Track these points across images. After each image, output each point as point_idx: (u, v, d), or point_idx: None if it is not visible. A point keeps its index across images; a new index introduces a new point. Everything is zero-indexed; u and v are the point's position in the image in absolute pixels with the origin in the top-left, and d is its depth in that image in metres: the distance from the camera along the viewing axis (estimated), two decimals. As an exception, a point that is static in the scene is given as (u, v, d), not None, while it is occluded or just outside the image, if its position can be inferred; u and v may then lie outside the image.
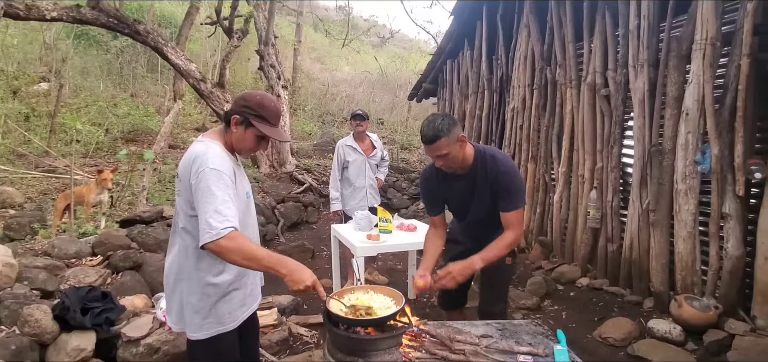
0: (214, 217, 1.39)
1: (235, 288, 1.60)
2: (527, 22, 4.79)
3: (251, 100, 1.56)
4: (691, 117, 3.04)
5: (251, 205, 1.69)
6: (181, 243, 1.57)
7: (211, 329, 1.56)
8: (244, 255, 1.41)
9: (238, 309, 1.63)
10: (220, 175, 1.45)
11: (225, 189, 1.44)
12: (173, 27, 12.00)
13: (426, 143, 1.90)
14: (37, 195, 6.04)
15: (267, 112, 1.56)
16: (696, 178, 3.06)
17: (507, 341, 1.68)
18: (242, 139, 1.57)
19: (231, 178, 1.49)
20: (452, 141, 1.88)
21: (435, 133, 1.86)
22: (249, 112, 1.54)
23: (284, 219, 5.95)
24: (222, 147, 1.56)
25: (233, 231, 1.40)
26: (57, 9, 5.68)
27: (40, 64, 9.74)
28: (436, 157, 1.92)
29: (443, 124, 1.87)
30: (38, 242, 3.68)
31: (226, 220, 1.40)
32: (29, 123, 7.94)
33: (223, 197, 1.43)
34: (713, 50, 2.93)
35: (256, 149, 1.63)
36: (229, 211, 1.42)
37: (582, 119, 4.08)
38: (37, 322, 2.24)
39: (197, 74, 6.74)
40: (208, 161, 1.45)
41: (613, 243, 3.77)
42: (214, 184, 1.43)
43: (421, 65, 10.61)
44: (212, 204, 1.40)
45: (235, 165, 1.59)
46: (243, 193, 1.61)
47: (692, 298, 2.97)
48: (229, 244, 1.39)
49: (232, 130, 1.57)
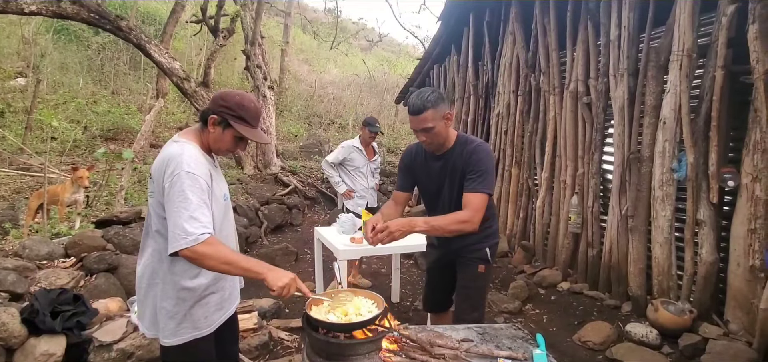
0: (190, 223, 1.35)
1: (211, 291, 1.56)
2: (513, 30, 4.86)
3: (230, 100, 1.51)
4: (668, 125, 3.11)
5: (229, 208, 1.65)
6: (154, 246, 1.51)
7: (186, 334, 1.51)
8: (221, 260, 1.38)
9: (215, 313, 1.59)
10: (196, 178, 1.41)
11: (200, 194, 1.40)
12: (157, 24, 11.78)
13: (412, 113, 1.89)
14: (9, 194, 5.83)
15: (246, 113, 1.51)
16: (672, 185, 3.14)
17: (487, 345, 1.68)
18: (220, 139, 1.53)
19: (207, 182, 1.45)
20: (438, 115, 1.87)
21: (422, 104, 1.85)
22: (227, 113, 1.49)
23: (268, 222, 5.88)
24: (198, 148, 1.51)
25: (210, 237, 1.37)
26: (36, 3, 5.52)
27: (18, 58, 9.44)
28: (420, 130, 1.89)
29: (432, 96, 1.86)
30: (9, 242, 3.55)
31: (203, 226, 1.37)
32: (4, 119, 7.67)
33: (198, 202, 1.39)
34: (690, 61, 3.01)
35: (234, 150, 1.59)
36: (204, 217, 1.38)
37: (564, 126, 4.14)
38: (3, 326, 2.15)
39: (181, 73, 6.63)
40: (183, 164, 1.40)
41: (593, 248, 3.84)
42: (189, 189, 1.38)
43: (409, 69, 10.66)
44: (187, 210, 1.36)
45: (212, 166, 1.55)
46: (220, 195, 1.56)
47: (668, 302, 3.04)
48: (206, 250, 1.36)
49: (210, 130, 1.52)
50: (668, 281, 3.17)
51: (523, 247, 4.63)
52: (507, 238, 4.94)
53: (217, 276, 1.55)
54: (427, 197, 2.17)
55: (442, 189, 2.05)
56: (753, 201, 2.65)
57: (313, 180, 7.54)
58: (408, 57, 17.32)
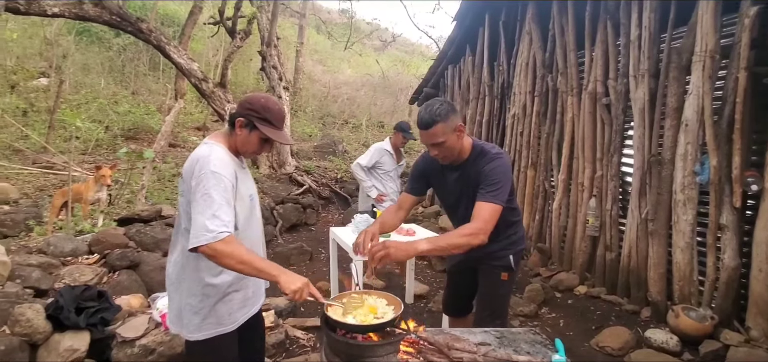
0: (212, 221, 1.39)
1: (235, 289, 1.60)
2: (529, 30, 4.81)
3: (256, 103, 1.57)
4: (691, 128, 3.04)
5: (255, 207, 1.70)
6: (183, 243, 1.56)
7: (210, 330, 1.56)
8: (237, 259, 1.41)
9: (238, 310, 1.63)
10: (220, 178, 1.45)
11: (223, 193, 1.45)
12: (176, 26, 12.00)
13: (421, 128, 1.79)
14: (33, 192, 6.01)
15: (271, 115, 1.57)
16: (694, 189, 3.07)
17: (505, 349, 1.67)
18: (246, 141, 1.59)
19: (232, 182, 1.50)
20: (449, 129, 1.78)
21: (431, 118, 1.76)
22: (253, 115, 1.55)
23: (283, 221, 5.94)
24: (226, 149, 1.57)
25: (229, 236, 1.41)
26: (59, 5, 5.68)
27: (40, 59, 9.72)
28: (431, 145, 1.81)
29: (441, 109, 1.77)
30: (33, 239, 3.66)
31: (223, 225, 1.41)
32: (27, 118, 7.91)
33: (221, 201, 1.43)
34: (712, 62, 2.94)
35: (261, 151, 1.64)
36: (225, 215, 1.43)
37: (582, 127, 4.09)
38: (28, 322, 2.22)
39: (199, 73, 6.74)
40: (210, 164, 1.46)
41: (611, 252, 3.77)
42: (214, 188, 1.43)
43: (423, 70, 10.64)
44: (210, 208, 1.41)
45: (239, 167, 1.60)
46: (246, 195, 1.61)
47: (689, 308, 2.97)
48: (223, 248, 1.40)
49: (237, 132, 1.58)
50: (690, 286, 3.10)
51: (539, 250, 4.57)
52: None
53: (240, 274, 1.58)
54: (446, 208, 2.15)
55: (460, 201, 1.98)
56: (779, 206, 2.57)
57: (328, 180, 7.58)
58: (422, 57, 17.28)
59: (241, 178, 1.59)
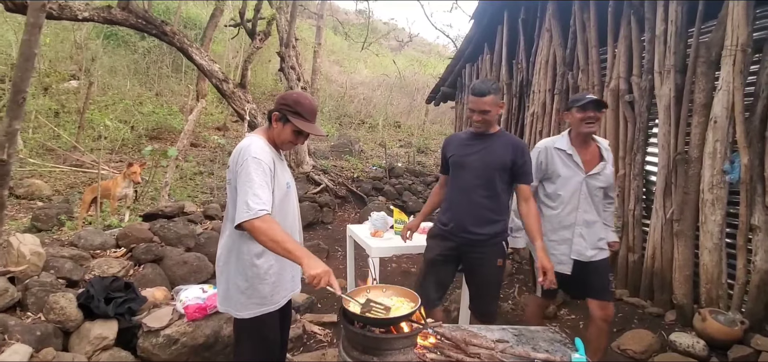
0: (252, 199, 1.55)
1: (276, 271, 1.74)
2: (549, 27, 4.73)
3: (289, 99, 1.75)
4: (720, 125, 2.94)
5: (291, 194, 1.84)
6: (230, 228, 1.72)
7: (255, 309, 1.71)
8: (270, 237, 1.54)
9: (279, 291, 1.77)
10: (259, 163, 1.62)
11: (262, 175, 1.61)
12: (198, 28, 12.30)
13: (476, 95, 2.12)
14: (64, 189, 6.27)
15: (302, 108, 1.72)
16: (723, 188, 2.96)
17: (523, 347, 1.65)
18: (281, 133, 1.75)
19: (270, 167, 1.66)
20: (496, 102, 2.14)
21: (487, 88, 2.12)
22: (287, 109, 1.72)
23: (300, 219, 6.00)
24: (265, 141, 1.74)
25: (266, 215, 1.55)
26: (88, 9, 5.90)
27: (71, 62, 10.12)
28: (479, 110, 2.13)
29: (494, 85, 2.16)
30: (65, 233, 3.82)
31: (262, 203, 1.56)
32: (59, 119, 8.25)
33: (261, 182, 1.59)
34: (744, 56, 2.83)
35: (295, 142, 1.79)
36: (264, 195, 1.58)
37: (604, 125, 3.99)
38: (62, 310, 2.32)
39: (220, 74, 6.89)
40: (251, 151, 1.65)
41: (634, 253, 3.68)
42: (254, 171, 1.60)
43: (440, 69, 10.59)
44: (251, 188, 1.57)
45: (278, 158, 1.77)
46: (283, 183, 1.76)
47: (717, 312, 2.87)
48: (260, 225, 1.54)
49: (274, 126, 1.75)
50: (717, 289, 3.00)
51: (559, 250, 4.49)
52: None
53: (279, 258, 1.72)
54: (456, 167, 2.28)
55: (472, 163, 2.21)
56: (816, 206, 2.46)
57: (344, 179, 7.63)
58: (438, 56, 17.20)
59: (279, 166, 1.76)
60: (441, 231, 2.29)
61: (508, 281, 4.24)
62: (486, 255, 2.20)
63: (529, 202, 2.20)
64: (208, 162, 7.86)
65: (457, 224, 2.22)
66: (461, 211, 2.21)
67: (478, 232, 2.18)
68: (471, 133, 2.27)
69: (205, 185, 6.84)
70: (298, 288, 1.93)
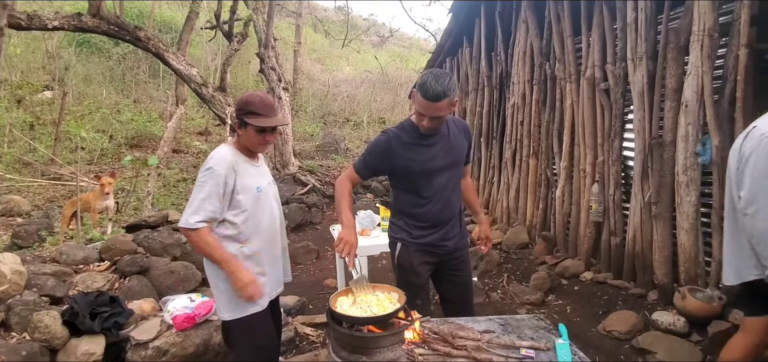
0: (194, 211, 1.67)
1: (254, 272, 1.77)
2: (525, 18, 4.79)
3: (239, 103, 1.79)
4: (691, 108, 3.04)
5: (265, 198, 1.86)
6: None
7: (241, 310, 1.76)
8: (200, 248, 1.70)
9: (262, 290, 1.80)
10: (213, 173, 1.69)
11: (213, 186, 1.68)
12: (174, 32, 12.06)
13: (430, 100, 1.74)
14: (43, 203, 6.11)
15: (254, 107, 1.75)
16: (697, 170, 3.07)
17: (509, 336, 1.70)
18: (247, 137, 1.79)
19: (226, 177, 1.71)
20: (451, 102, 1.80)
21: (444, 91, 1.73)
22: (241, 114, 1.76)
23: (288, 221, 5.98)
24: (234, 149, 1.80)
25: (202, 228, 1.67)
26: (58, 18, 5.74)
27: (44, 72, 9.83)
28: (432, 116, 1.79)
29: (451, 84, 1.76)
30: (46, 249, 3.74)
31: (203, 214, 1.67)
32: (34, 131, 8.02)
33: (209, 193, 1.68)
34: (711, 41, 2.92)
35: (265, 142, 1.82)
36: (210, 206, 1.68)
37: (582, 113, 4.08)
38: (46, 328, 2.28)
39: (198, 79, 6.79)
40: (208, 161, 1.72)
41: (616, 237, 3.78)
42: (206, 182, 1.69)
43: (421, 63, 10.63)
44: (197, 199, 1.68)
45: (248, 163, 1.82)
46: (252, 188, 1.79)
47: (696, 290, 2.98)
48: (191, 236, 1.69)
49: (239, 133, 1.80)
50: (695, 268, 3.11)
51: (544, 238, 4.59)
52: (527, 230, 4.90)
53: (257, 258, 1.80)
54: (416, 178, 1.94)
55: (441, 166, 1.94)
56: (783, 183, 2.56)
57: (331, 178, 7.62)
58: (420, 51, 17.23)
59: (249, 172, 1.80)
60: (420, 247, 1.99)
61: (497, 271, 4.32)
62: (463, 255, 2.09)
63: (467, 177, 2.24)
64: (192, 168, 7.75)
65: (438, 235, 1.98)
66: (440, 219, 1.98)
67: (455, 237, 2.03)
68: (417, 131, 1.91)
69: (189, 192, 6.74)
70: (279, 289, 1.97)
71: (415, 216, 1.98)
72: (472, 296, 2.19)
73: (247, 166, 1.81)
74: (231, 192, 1.73)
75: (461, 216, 2.12)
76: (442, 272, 2.08)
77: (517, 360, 1.52)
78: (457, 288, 2.10)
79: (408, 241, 2.00)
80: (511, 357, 1.53)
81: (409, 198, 1.99)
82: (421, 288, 2.02)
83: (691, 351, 2.67)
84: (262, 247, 1.85)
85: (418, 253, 1.99)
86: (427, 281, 2.08)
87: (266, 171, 1.97)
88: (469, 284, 2.15)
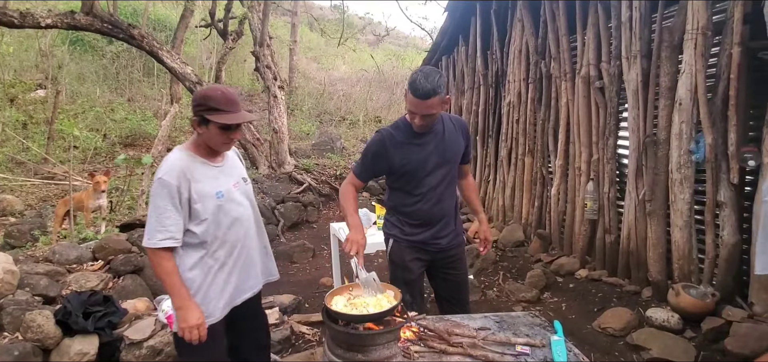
0: (155, 229, 1.54)
1: (210, 282, 1.66)
2: (521, 17, 4.80)
3: (198, 98, 1.62)
4: (685, 107, 3.06)
5: (229, 204, 1.68)
6: None
7: None
8: (157, 272, 1.59)
9: (218, 300, 1.68)
10: (163, 184, 1.55)
11: (168, 198, 1.55)
12: (168, 30, 11.98)
13: (420, 97, 1.75)
14: (36, 203, 6.06)
15: (215, 102, 1.58)
16: (691, 168, 3.09)
17: (504, 333, 1.70)
18: (209, 136, 1.62)
19: (177, 186, 1.56)
20: (442, 100, 1.81)
21: (433, 89, 1.75)
22: (201, 110, 1.59)
23: (284, 220, 5.97)
24: (185, 152, 1.64)
25: (161, 252, 1.56)
26: (51, 16, 5.68)
27: (37, 71, 9.74)
28: (422, 114, 1.81)
29: (441, 82, 1.78)
30: (39, 249, 3.70)
31: (165, 232, 1.54)
32: (27, 130, 7.95)
33: (165, 206, 1.55)
34: (704, 40, 2.94)
35: (228, 140, 1.66)
36: (168, 221, 1.55)
37: (577, 112, 4.10)
38: (39, 328, 2.26)
39: (193, 77, 6.74)
40: (159, 170, 1.58)
41: (610, 234, 3.80)
42: (159, 195, 1.56)
43: (417, 62, 10.63)
44: (154, 215, 1.55)
45: (205, 167, 1.65)
46: (211, 193, 1.63)
47: (690, 286, 3.00)
48: (153, 258, 1.57)
49: (198, 132, 1.64)
50: (689, 265, 3.13)
51: (540, 236, 4.60)
52: (523, 228, 4.92)
53: (223, 267, 1.68)
54: (409, 176, 1.95)
55: (433, 166, 1.94)
56: (775, 180, 2.59)
57: (327, 177, 7.60)
58: (416, 49, 17.23)
59: (207, 175, 1.64)
60: (411, 244, 2.02)
61: (493, 268, 4.33)
62: (458, 253, 2.09)
63: (468, 177, 2.22)
64: (187, 167, 7.69)
65: (429, 233, 2.00)
66: (431, 217, 1.99)
67: (448, 236, 2.03)
68: (410, 129, 1.93)
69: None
70: (252, 291, 1.81)
71: (406, 213, 2.01)
72: (467, 294, 2.18)
73: (204, 169, 1.63)
74: (187, 202, 1.57)
75: (456, 214, 2.11)
76: (435, 269, 2.10)
77: (513, 357, 1.52)
78: (451, 286, 2.12)
79: (400, 238, 2.03)
80: (506, 354, 1.53)
81: (401, 196, 2.01)
82: (413, 284, 2.02)
83: (685, 348, 2.69)
84: (229, 255, 1.68)
85: (409, 250, 2.02)
86: (419, 277, 2.08)
87: (235, 167, 1.79)
88: (463, 282, 2.15)
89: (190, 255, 1.62)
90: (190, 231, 1.61)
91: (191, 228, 1.61)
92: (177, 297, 1.56)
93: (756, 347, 2.44)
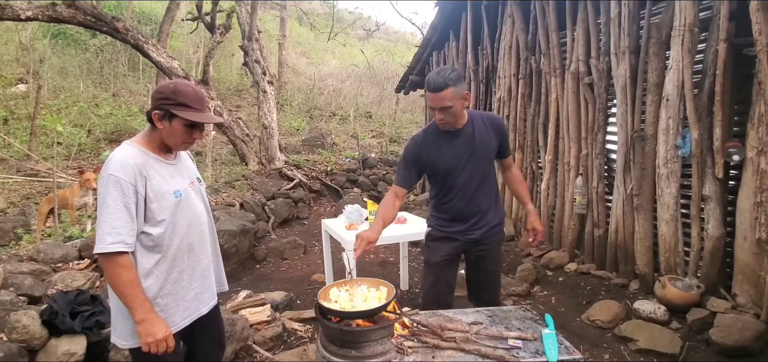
0: (108, 232, 1.37)
1: (167, 292, 1.51)
2: (511, 12, 4.82)
3: (166, 91, 1.48)
4: (672, 102, 3.11)
5: (186, 203, 1.56)
6: None
7: None
8: (112, 282, 1.41)
9: (176, 313, 1.54)
10: (118, 182, 1.40)
11: (119, 197, 1.39)
12: (154, 24, 11.76)
13: (432, 91, 1.88)
14: (19, 200, 5.91)
15: (186, 98, 1.47)
16: (677, 162, 3.14)
17: (496, 327, 1.71)
18: (171, 133, 1.49)
19: (132, 184, 1.42)
20: (458, 94, 1.89)
21: (444, 81, 1.85)
22: (168, 104, 1.46)
23: (275, 216, 5.93)
24: (138, 147, 1.49)
25: (119, 256, 1.38)
26: (31, 8, 5.52)
27: (17, 65, 9.47)
28: (439, 108, 1.90)
29: (452, 75, 1.87)
30: (23, 247, 3.62)
31: (118, 235, 1.37)
32: (8, 126, 7.73)
33: (116, 206, 1.39)
34: (691, 36, 2.99)
35: (190, 140, 1.54)
36: (119, 223, 1.38)
37: (567, 107, 4.14)
38: (25, 328, 2.21)
39: (180, 72, 6.63)
40: (109, 166, 1.41)
41: (599, 228, 3.85)
42: (109, 194, 1.39)
43: (408, 57, 10.61)
44: (105, 216, 1.38)
45: (160, 164, 1.52)
46: (169, 192, 1.50)
47: (675, 279, 3.06)
48: (106, 266, 1.41)
49: (158, 127, 1.49)
50: (675, 257, 3.19)
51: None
52: (513, 222, 4.96)
53: (179, 276, 1.54)
54: (441, 176, 2.07)
55: (464, 165, 2.02)
56: (759, 175, 2.65)
57: (318, 173, 7.57)
58: (406, 45, 17.21)
59: (162, 174, 1.51)
60: (444, 234, 2.13)
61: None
62: (491, 245, 2.14)
63: (512, 169, 2.25)
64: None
65: (462, 228, 2.09)
66: (463, 214, 2.06)
67: (483, 228, 2.09)
68: (439, 130, 2.02)
69: (172, 187, 6.61)
70: (210, 303, 1.67)
71: (440, 208, 2.15)
72: (496, 286, 2.25)
73: (159, 167, 1.50)
74: (143, 201, 1.43)
75: (495, 209, 2.15)
76: (468, 256, 2.20)
77: (505, 351, 1.53)
78: (480, 275, 2.21)
79: (435, 227, 2.19)
80: (499, 348, 1.55)
81: (435, 192, 2.16)
82: (437, 268, 2.13)
83: (671, 338, 2.74)
84: (187, 260, 1.55)
85: (441, 239, 2.15)
86: (447, 264, 2.14)
87: (188, 166, 1.66)
88: (494, 273, 2.22)
89: (146, 260, 1.46)
90: (145, 233, 1.46)
91: (146, 229, 1.46)
92: (140, 310, 1.39)
93: (739, 337, 2.51)
